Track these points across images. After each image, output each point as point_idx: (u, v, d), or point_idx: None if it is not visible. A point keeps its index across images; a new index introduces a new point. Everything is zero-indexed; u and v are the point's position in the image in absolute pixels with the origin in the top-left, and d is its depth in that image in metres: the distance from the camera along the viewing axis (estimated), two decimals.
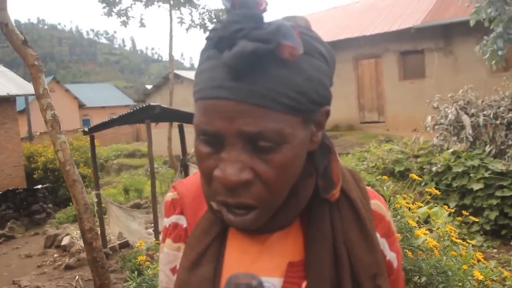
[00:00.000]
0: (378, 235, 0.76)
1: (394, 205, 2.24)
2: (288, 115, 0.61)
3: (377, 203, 0.78)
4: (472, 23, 7.32)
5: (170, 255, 0.79)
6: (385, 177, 3.18)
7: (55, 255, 8.00)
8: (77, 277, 6.56)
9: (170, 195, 0.83)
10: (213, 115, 0.61)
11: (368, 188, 0.80)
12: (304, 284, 0.69)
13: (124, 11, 9.98)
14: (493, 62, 7.05)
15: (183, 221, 0.79)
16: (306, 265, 0.70)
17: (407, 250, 2.02)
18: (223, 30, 0.58)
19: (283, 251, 0.72)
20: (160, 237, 0.85)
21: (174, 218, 0.80)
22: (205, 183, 0.68)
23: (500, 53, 6.89)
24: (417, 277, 1.92)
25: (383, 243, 0.77)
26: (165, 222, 0.83)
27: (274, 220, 0.69)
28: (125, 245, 7.61)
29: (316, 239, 0.70)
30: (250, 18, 0.58)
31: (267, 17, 0.61)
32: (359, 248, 0.71)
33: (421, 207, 2.46)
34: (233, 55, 0.57)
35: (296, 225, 0.73)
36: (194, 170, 6.92)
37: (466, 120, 7.04)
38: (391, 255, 0.78)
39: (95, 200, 7.09)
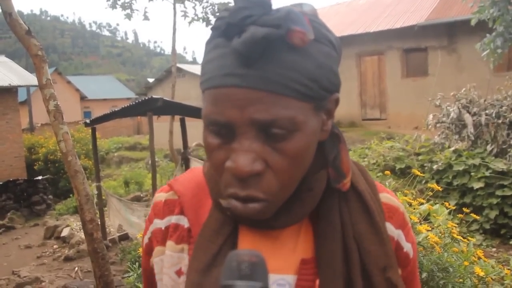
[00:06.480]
0: (393, 226, 0.75)
1: None
2: (300, 101, 0.60)
3: (386, 196, 0.77)
4: (473, 22, 7.31)
5: (174, 257, 0.75)
6: (387, 172, 3.16)
7: (55, 246, 8.03)
8: (76, 268, 6.58)
9: (163, 196, 0.79)
10: (224, 104, 0.59)
11: (376, 181, 0.79)
12: (317, 281, 0.68)
13: (128, 4, 9.93)
14: (492, 60, 7.07)
15: (184, 221, 0.76)
16: (317, 262, 0.69)
17: None
18: (232, 17, 0.57)
19: (295, 248, 0.71)
20: (146, 238, 0.80)
21: (174, 219, 0.76)
22: (216, 177, 0.67)
23: (499, 51, 6.90)
24: (418, 273, 1.93)
25: (399, 234, 0.76)
26: (157, 223, 0.77)
27: (290, 214, 0.68)
28: (125, 237, 7.62)
29: (326, 235, 0.69)
30: (259, 4, 0.57)
31: (275, 4, 0.60)
32: (368, 240, 0.70)
33: (422, 203, 2.46)
34: (244, 40, 0.56)
35: (305, 220, 0.72)
36: (195, 164, 6.91)
37: (468, 118, 7.04)
38: (407, 246, 0.77)
39: (96, 192, 7.11)
